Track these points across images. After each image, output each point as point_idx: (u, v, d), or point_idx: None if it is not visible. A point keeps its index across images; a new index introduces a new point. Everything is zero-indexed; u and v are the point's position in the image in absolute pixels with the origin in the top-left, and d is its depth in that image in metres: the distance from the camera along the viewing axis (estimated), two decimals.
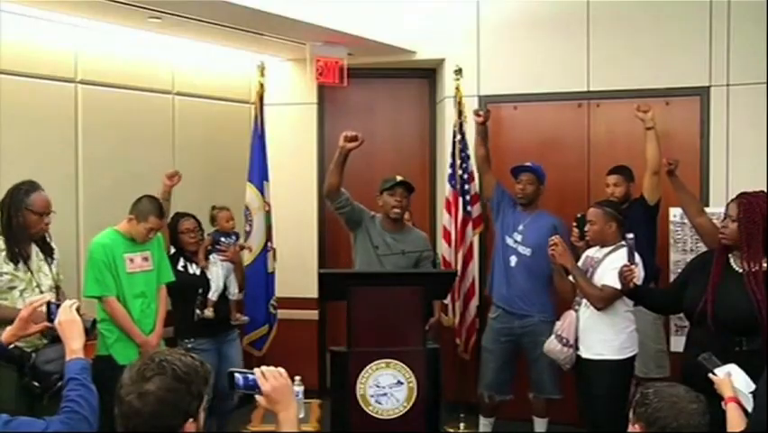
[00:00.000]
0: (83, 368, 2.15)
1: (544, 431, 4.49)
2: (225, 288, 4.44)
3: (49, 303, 2.44)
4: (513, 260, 4.41)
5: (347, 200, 4.17)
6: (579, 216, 3.95)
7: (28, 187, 3.44)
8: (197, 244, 4.40)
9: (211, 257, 4.41)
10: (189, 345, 4.26)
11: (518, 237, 4.40)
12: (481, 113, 4.57)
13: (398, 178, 4.20)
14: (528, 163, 4.50)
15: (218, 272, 4.39)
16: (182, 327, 4.37)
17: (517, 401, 4.52)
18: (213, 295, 4.35)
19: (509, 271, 4.41)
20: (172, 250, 4.40)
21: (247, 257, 4.87)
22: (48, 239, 3.60)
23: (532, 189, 4.41)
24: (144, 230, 3.97)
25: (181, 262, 4.38)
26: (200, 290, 4.34)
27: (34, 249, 3.52)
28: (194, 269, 4.39)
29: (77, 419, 2.02)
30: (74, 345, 2.21)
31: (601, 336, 3.70)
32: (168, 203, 4.34)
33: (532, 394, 4.47)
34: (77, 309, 2.31)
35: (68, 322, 2.26)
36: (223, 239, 4.44)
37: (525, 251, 4.38)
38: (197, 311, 4.30)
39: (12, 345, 2.60)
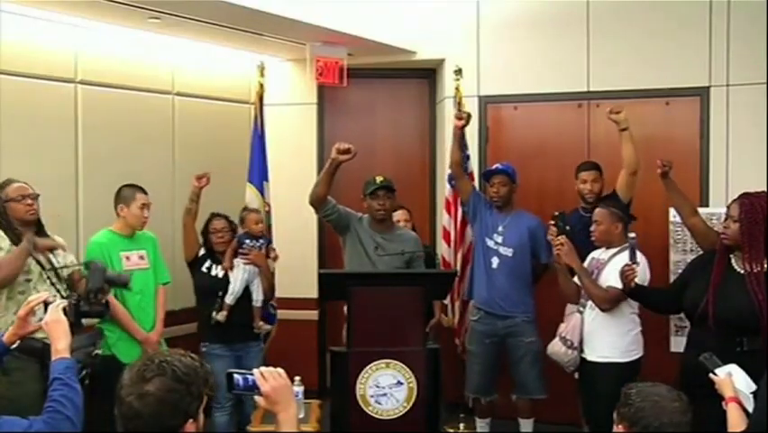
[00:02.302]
0: (67, 368, 2.16)
1: (531, 431, 4.49)
2: (250, 293, 4.34)
3: (46, 302, 2.45)
4: (495, 261, 4.39)
5: (333, 207, 4.17)
6: (556, 213, 3.84)
7: (2, 183, 3.51)
8: (226, 244, 4.35)
9: (236, 260, 4.32)
10: (203, 349, 4.26)
11: (499, 238, 4.38)
12: (463, 115, 4.47)
13: (378, 180, 4.18)
14: (498, 165, 4.49)
15: (240, 276, 4.29)
16: (201, 329, 4.38)
17: (512, 401, 4.51)
18: (228, 299, 4.25)
19: (491, 273, 4.38)
20: (202, 251, 4.39)
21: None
22: (47, 232, 3.61)
23: (506, 190, 4.40)
24: (138, 210, 4.02)
25: (207, 264, 4.35)
26: (219, 293, 4.27)
27: None
28: (217, 271, 4.33)
29: (59, 419, 2.03)
30: (59, 345, 2.22)
31: (607, 338, 3.68)
32: (196, 204, 4.37)
33: (515, 396, 4.46)
34: (64, 309, 2.31)
35: (54, 322, 2.26)
36: (247, 241, 4.33)
37: (507, 251, 4.37)
38: (213, 314, 4.25)
39: (17, 342, 2.60)
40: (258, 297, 4.36)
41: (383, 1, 5.19)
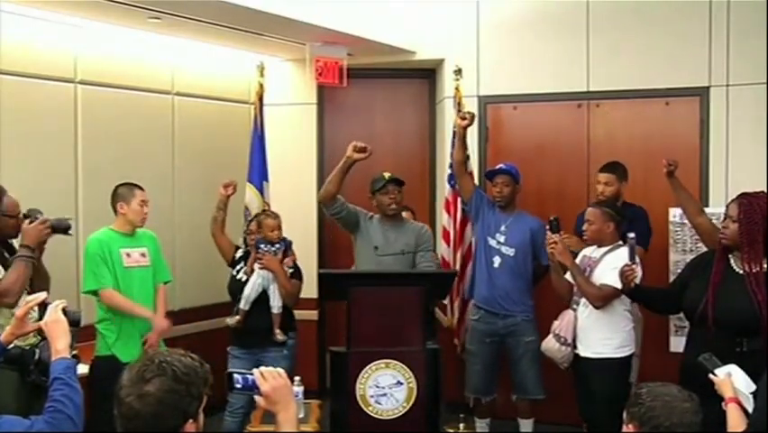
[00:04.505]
0: (68, 367, 2.15)
1: (531, 431, 4.50)
2: (268, 298, 4.23)
3: (44, 303, 2.45)
4: (496, 261, 4.39)
5: (342, 205, 4.19)
6: (552, 218, 3.86)
7: None
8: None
9: (255, 265, 4.23)
10: (228, 348, 4.27)
11: (501, 238, 4.39)
12: (467, 116, 4.42)
13: (387, 175, 4.22)
14: (502, 165, 4.49)
15: (254, 281, 4.19)
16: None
17: (511, 401, 4.51)
18: (241, 303, 4.19)
19: (492, 272, 4.39)
20: (240, 252, 4.37)
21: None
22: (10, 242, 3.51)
23: (509, 191, 4.40)
24: (138, 206, 3.98)
25: (239, 266, 4.33)
26: (238, 297, 4.23)
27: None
28: (241, 274, 4.30)
29: (60, 419, 2.03)
30: (59, 345, 2.21)
31: (600, 334, 3.73)
32: (223, 213, 4.35)
33: (515, 396, 4.46)
34: (63, 309, 2.31)
35: (54, 322, 2.26)
36: (262, 246, 4.21)
37: (509, 251, 4.37)
38: (228, 319, 4.24)
39: (11, 346, 2.60)
40: (274, 303, 4.23)
41: (383, 1, 5.19)
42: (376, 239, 4.21)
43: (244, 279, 4.26)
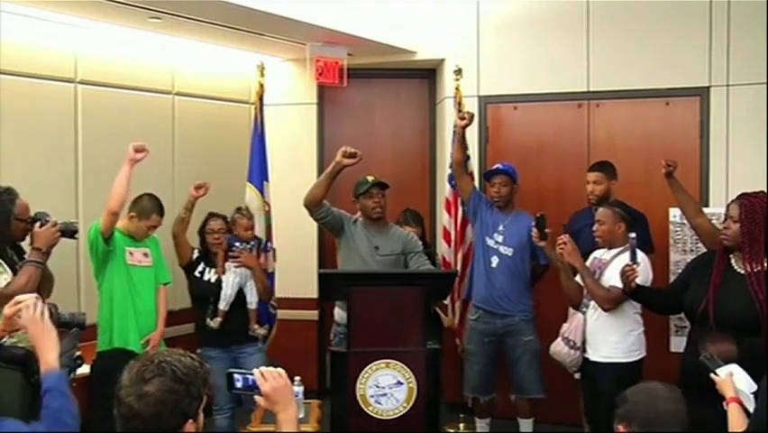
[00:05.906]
0: (60, 378, 2.10)
1: (531, 431, 4.49)
2: (244, 296, 4.27)
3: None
4: (494, 260, 4.40)
5: (328, 209, 4.16)
6: (539, 215, 3.90)
7: (10, 195, 3.29)
8: (221, 246, 4.28)
9: (227, 264, 4.24)
10: (198, 351, 4.20)
11: (499, 238, 4.40)
12: (466, 116, 4.43)
13: (370, 179, 4.20)
14: (499, 165, 4.50)
15: (231, 280, 4.22)
16: (197, 334, 4.35)
17: (511, 401, 4.50)
18: (221, 304, 4.19)
19: (490, 272, 4.40)
20: (195, 254, 4.33)
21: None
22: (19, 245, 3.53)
23: (507, 191, 4.42)
24: (145, 227, 4.04)
25: (200, 268, 4.30)
26: (211, 299, 4.22)
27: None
28: (210, 275, 4.28)
29: (59, 427, 2.01)
30: (48, 356, 2.12)
31: (609, 338, 3.68)
32: (189, 214, 4.31)
33: (514, 396, 4.45)
34: (51, 311, 2.26)
35: (39, 333, 2.15)
36: (237, 244, 4.24)
37: (507, 251, 4.38)
38: (208, 321, 4.20)
39: (6, 342, 2.58)
40: (252, 299, 4.29)
41: (383, 1, 5.19)
42: (362, 245, 4.17)
43: (214, 279, 4.26)
